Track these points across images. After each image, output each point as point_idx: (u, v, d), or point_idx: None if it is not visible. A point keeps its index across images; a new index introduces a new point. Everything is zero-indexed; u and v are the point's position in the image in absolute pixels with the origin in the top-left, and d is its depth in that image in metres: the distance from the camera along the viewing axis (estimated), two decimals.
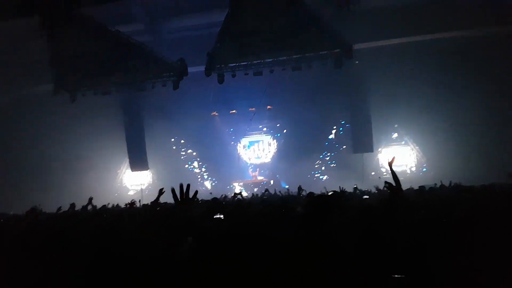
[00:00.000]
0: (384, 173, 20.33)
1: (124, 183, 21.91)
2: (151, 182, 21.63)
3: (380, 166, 20.62)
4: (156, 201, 6.29)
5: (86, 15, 14.87)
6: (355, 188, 11.13)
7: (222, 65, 15.97)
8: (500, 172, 12.46)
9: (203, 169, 21.46)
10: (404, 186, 9.46)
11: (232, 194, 16.89)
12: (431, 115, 18.03)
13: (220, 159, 21.22)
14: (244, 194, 20.05)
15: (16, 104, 17.83)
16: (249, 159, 22.24)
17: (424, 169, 20.20)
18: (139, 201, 12.11)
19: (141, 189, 20.89)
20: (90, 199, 8.92)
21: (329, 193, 9.34)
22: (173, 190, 4.39)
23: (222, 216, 5.02)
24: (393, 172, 3.67)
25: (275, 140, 21.97)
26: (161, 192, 6.27)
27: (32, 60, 16.28)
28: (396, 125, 20.41)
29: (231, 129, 21.65)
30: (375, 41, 17.13)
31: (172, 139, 21.45)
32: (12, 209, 13.85)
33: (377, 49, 17.19)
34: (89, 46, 15.59)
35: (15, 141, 17.82)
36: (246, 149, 22.20)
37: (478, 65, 16.27)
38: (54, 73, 15.94)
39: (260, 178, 21.71)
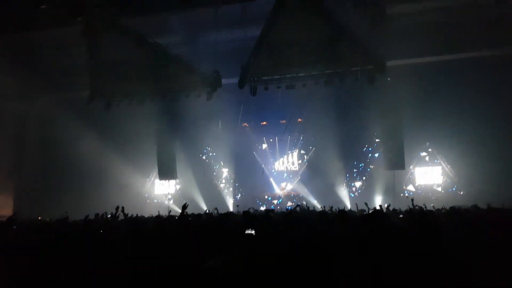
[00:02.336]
0: (414, 192, 19.99)
1: (151, 192, 22.17)
2: (178, 192, 21.86)
3: (412, 184, 20.34)
4: (182, 215, 6.39)
5: (126, 25, 15.48)
6: (388, 206, 11.05)
7: (256, 78, 16.21)
8: None
9: (231, 181, 21.52)
10: (436, 206, 9.32)
11: (260, 208, 16.89)
12: (464, 135, 17.70)
13: (248, 171, 21.27)
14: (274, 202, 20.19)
15: (55, 108, 18.51)
16: (278, 172, 22.20)
17: (455, 189, 19.74)
18: (169, 211, 12.31)
19: (168, 198, 21.08)
20: (120, 208, 9.04)
21: (370, 211, 9.21)
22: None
23: (253, 231, 5.03)
24: None
25: (304, 153, 21.92)
26: (185, 206, 6.43)
27: (72, 66, 16.89)
28: (427, 143, 20.12)
29: (263, 138, 21.72)
30: (409, 59, 17.07)
31: (204, 151, 21.73)
32: (43, 214, 14.28)
33: (410, 67, 17.11)
34: (127, 56, 16.17)
35: (51, 145, 18.39)
36: (275, 162, 22.19)
37: None
38: (91, 80, 16.52)
39: (288, 191, 21.63)
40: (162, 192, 21.76)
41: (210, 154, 21.98)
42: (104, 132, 18.73)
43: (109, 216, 9.60)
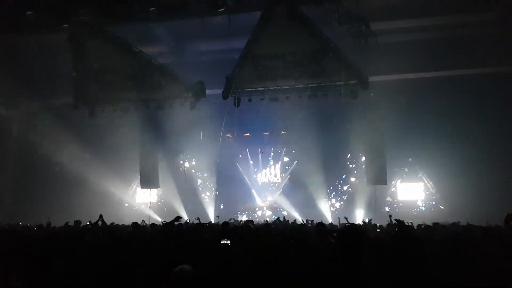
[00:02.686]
0: (396, 207, 20.11)
1: (133, 200, 21.96)
2: (159, 200, 21.69)
3: (393, 199, 20.50)
4: (170, 224, 6.32)
5: (112, 33, 15.52)
6: (370, 221, 11.13)
7: (239, 89, 16.31)
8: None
9: (213, 191, 21.44)
10: (416, 222, 9.37)
11: (240, 219, 16.80)
12: (445, 151, 17.88)
13: (230, 182, 21.22)
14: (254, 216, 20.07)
15: (38, 114, 18.35)
16: (260, 184, 22.18)
17: (437, 205, 19.91)
18: (143, 221, 12.20)
19: (149, 207, 20.88)
20: (101, 216, 9.03)
21: (347, 224, 9.26)
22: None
23: (229, 242, 5.02)
24: None
25: (287, 166, 21.95)
26: (178, 219, 6.32)
27: (57, 72, 16.81)
28: (410, 159, 20.30)
29: (246, 149, 21.72)
30: (391, 75, 17.30)
31: (186, 161, 21.64)
32: (23, 219, 14.03)
33: (393, 83, 17.36)
34: (112, 63, 16.19)
35: (33, 150, 18.18)
36: (257, 174, 22.19)
37: (495, 103, 16.30)
38: (76, 87, 16.44)
39: (269, 203, 21.61)
40: (144, 201, 21.57)
41: (193, 164, 21.89)
42: (86, 139, 18.57)
43: (88, 223, 9.53)
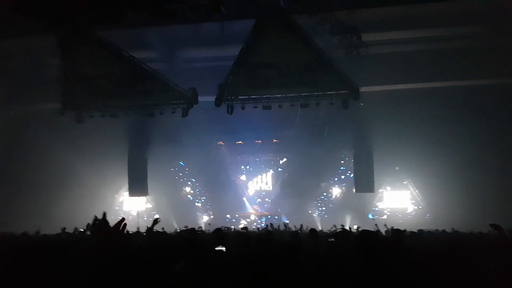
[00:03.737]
0: (383, 215, 20.42)
1: (121, 208, 21.55)
2: (148, 209, 21.33)
3: (380, 207, 20.82)
4: (151, 229, 6.23)
5: (103, 37, 15.22)
6: (358, 229, 11.29)
7: (233, 97, 16.29)
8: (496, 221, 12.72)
9: (203, 199, 21.26)
10: (402, 229, 9.56)
11: (232, 227, 16.71)
12: (432, 160, 18.30)
13: (221, 190, 21.11)
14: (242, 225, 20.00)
15: (24, 119, 17.81)
16: (252, 192, 22.15)
17: (422, 213, 20.33)
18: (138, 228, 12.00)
19: (138, 215, 20.54)
20: (88, 225, 8.86)
21: (338, 230, 9.39)
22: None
23: (224, 248, 4.99)
24: None
25: (278, 174, 22.02)
26: (156, 221, 6.25)
27: (45, 77, 16.40)
28: (397, 168, 20.68)
29: (238, 157, 21.66)
30: (381, 85, 17.61)
31: (176, 168, 21.40)
32: (8, 225, 13.55)
33: (383, 93, 17.65)
34: (102, 68, 15.87)
35: (17, 157, 17.62)
36: (249, 181, 22.15)
37: (481, 115, 16.80)
38: (64, 92, 16.07)
39: (261, 211, 21.59)
40: (132, 208, 21.19)
41: (184, 171, 21.66)
42: (74, 145, 18.09)
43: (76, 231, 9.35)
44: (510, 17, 14.63)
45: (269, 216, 20.99)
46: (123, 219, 3.81)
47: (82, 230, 9.75)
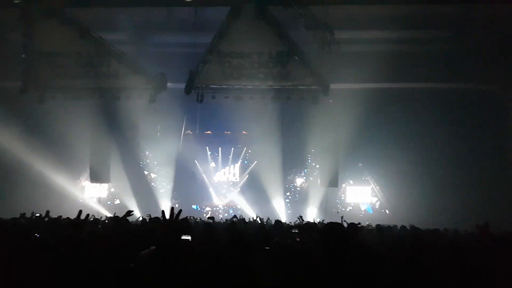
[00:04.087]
0: (344, 209, 20.94)
1: (82, 195, 20.80)
2: (110, 196, 20.70)
3: (342, 201, 21.34)
4: (123, 219, 6.07)
5: (68, 15, 14.47)
6: (322, 222, 11.45)
7: (203, 85, 16.02)
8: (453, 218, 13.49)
9: (169, 188, 20.86)
10: (363, 224, 9.73)
11: (193, 217, 16.56)
12: (394, 158, 18.92)
13: (187, 179, 20.81)
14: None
15: None
16: (218, 182, 22.02)
17: (383, 208, 21.02)
18: (91, 215, 11.56)
19: (98, 202, 19.89)
20: (48, 212, 8.51)
21: (304, 223, 9.49)
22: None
23: (190, 237, 4.94)
24: None
25: (246, 166, 22.00)
26: (129, 213, 6.11)
27: (4, 54, 15.42)
28: (360, 164, 21.22)
29: (206, 147, 21.40)
30: (351, 83, 17.92)
31: (141, 154, 20.82)
32: None
33: (352, 91, 17.96)
34: (66, 47, 15.09)
35: None
36: (216, 172, 21.99)
37: (444, 116, 17.54)
38: (25, 70, 15.21)
39: (227, 202, 21.54)
40: (93, 196, 20.47)
41: (149, 159, 21.16)
42: (33, 127, 17.20)
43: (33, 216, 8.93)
44: (476, 23, 15.24)
45: (234, 207, 20.99)
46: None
47: (38, 214, 9.28)
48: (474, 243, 4.81)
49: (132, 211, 6.19)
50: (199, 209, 20.04)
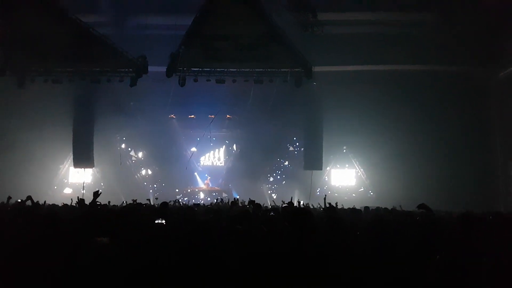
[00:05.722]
0: (329, 192, 21.13)
1: (65, 180, 20.70)
2: (94, 181, 20.60)
3: (327, 184, 21.51)
4: (93, 203, 6.05)
5: None
6: (307, 205, 11.54)
7: (185, 68, 15.91)
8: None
9: (153, 173, 20.85)
10: (347, 206, 9.86)
11: (179, 200, 16.55)
12: (378, 141, 19.05)
13: (171, 164, 20.76)
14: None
15: None
16: (203, 167, 22.05)
17: (366, 191, 21.24)
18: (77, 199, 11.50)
19: (83, 187, 19.79)
20: (29, 197, 8.43)
21: (284, 205, 9.54)
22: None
23: (164, 221, 4.98)
24: None
25: (230, 150, 22.02)
26: (97, 194, 6.06)
27: None
28: (344, 147, 21.35)
29: (190, 131, 21.33)
30: (334, 66, 17.89)
31: (124, 138, 20.69)
32: None
33: (335, 74, 17.96)
34: (45, 30, 14.80)
35: None
36: (201, 157, 21.99)
37: (426, 99, 17.62)
38: (3, 53, 14.98)
39: (211, 186, 21.60)
40: (77, 181, 20.37)
41: (132, 143, 21.04)
42: (14, 110, 16.99)
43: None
44: (460, 6, 15.18)
45: (221, 191, 21.02)
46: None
47: (20, 200, 9.18)
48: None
49: (99, 191, 6.15)
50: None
